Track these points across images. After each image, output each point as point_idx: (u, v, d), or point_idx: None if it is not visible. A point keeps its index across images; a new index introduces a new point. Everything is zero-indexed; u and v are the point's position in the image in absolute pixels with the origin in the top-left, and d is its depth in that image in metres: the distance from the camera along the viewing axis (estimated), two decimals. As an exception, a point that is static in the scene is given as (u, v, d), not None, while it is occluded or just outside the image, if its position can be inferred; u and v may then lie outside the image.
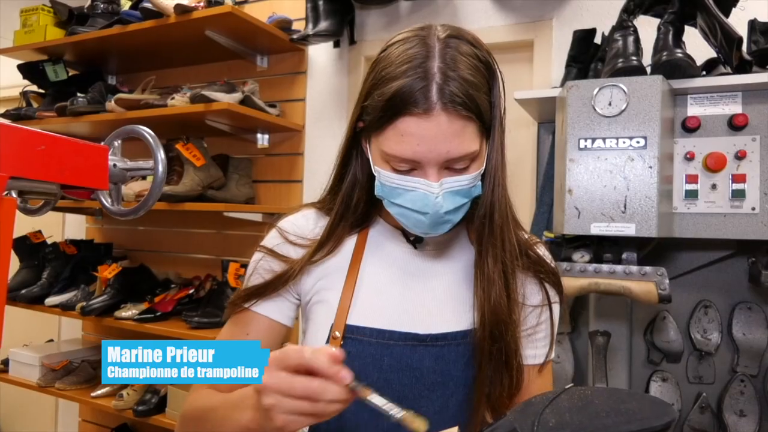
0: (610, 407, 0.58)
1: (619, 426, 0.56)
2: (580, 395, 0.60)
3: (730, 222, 1.36)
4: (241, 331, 0.86)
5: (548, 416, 0.58)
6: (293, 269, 0.84)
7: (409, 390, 0.79)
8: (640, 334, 1.65)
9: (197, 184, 2.00)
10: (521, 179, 1.85)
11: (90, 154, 0.71)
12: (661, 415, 0.57)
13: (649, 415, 0.56)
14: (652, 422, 0.56)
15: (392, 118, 0.72)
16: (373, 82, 0.76)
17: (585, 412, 0.58)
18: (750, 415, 1.53)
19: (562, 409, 0.59)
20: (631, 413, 0.57)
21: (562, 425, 0.57)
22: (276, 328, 0.87)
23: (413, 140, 0.72)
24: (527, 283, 0.85)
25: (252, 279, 0.88)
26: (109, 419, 2.56)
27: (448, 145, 0.72)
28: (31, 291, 2.30)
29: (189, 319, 1.97)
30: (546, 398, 0.61)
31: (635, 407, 0.58)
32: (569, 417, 0.58)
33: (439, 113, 0.71)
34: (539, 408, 0.59)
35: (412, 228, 0.80)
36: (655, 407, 0.58)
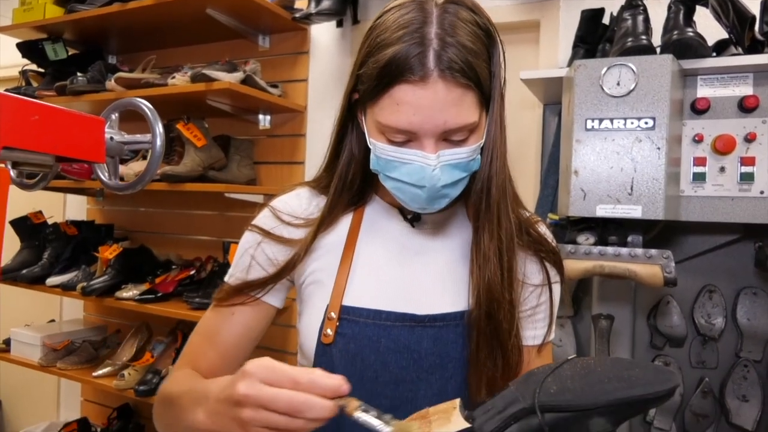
0: (613, 374, 0.57)
1: (621, 391, 0.55)
2: (583, 364, 0.60)
3: (737, 205, 1.34)
4: (227, 310, 0.84)
5: (550, 384, 0.57)
6: (298, 254, 0.82)
7: (407, 372, 0.77)
8: (644, 319, 1.64)
9: (198, 165, 1.98)
10: (525, 161, 1.83)
11: (86, 125, 0.69)
12: (663, 381, 0.56)
13: (651, 381, 0.56)
14: (655, 388, 0.55)
15: (387, 86, 0.70)
16: (368, 49, 0.73)
17: (587, 379, 0.57)
18: (752, 400, 1.53)
19: (564, 377, 0.58)
20: (634, 379, 0.56)
21: (564, 391, 0.56)
22: (263, 309, 0.86)
23: (409, 109, 0.69)
24: (528, 262, 0.83)
25: (242, 262, 0.85)
26: (111, 399, 2.57)
27: (446, 115, 0.70)
28: (32, 271, 2.30)
29: (190, 299, 1.96)
30: (548, 368, 0.60)
31: (638, 374, 0.57)
32: (571, 383, 0.57)
33: (436, 81, 0.68)
34: (541, 377, 0.58)
35: (408, 203, 0.77)
36: (657, 374, 0.57)
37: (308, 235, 0.83)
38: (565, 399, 0.56)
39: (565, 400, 0.56)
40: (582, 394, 0.55)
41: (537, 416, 0.55)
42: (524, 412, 0.56)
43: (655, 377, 0.56)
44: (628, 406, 0.55)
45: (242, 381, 0.57)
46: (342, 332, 0.78)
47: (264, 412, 0.56)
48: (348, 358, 0.77)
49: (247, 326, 0.84)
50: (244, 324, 0.84)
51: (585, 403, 0.55)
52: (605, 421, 0.56)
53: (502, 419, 0.57)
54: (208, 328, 0.86)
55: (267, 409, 0.56)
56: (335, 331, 0.78)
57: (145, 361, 2.17)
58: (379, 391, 0.77)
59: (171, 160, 2.06)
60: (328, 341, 0.78)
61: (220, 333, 0.84)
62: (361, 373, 0.77)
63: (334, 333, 0.78)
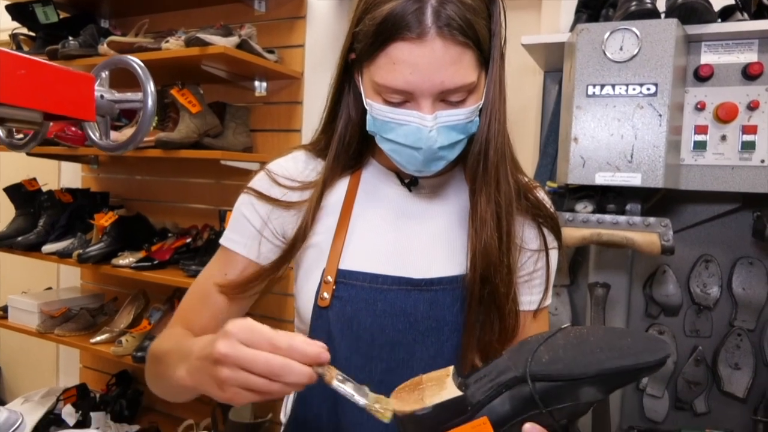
0: (605, 343, 0.57)
1: (613, 361, 0.55)
2: (576, 333, 0.60)
3: (737, 174, 1.33)
4: (221, 271, 0.84)
5: (542, 353, 0.57)
6: (306, 221, 0.81)
7: (402, 336, 0.77)
8: (640, 288, 1.65)
9: (193, 132, 1.95)
10: (525, 130, 1.81)
11: (75, 82, 0.67)
12: (655, 351, 0.56)
13: (642, 350, 0.56)
14: (646, 358, 0.55)
15: (384, 44, 0.68)
16: (364, 6, 0.71)
17: (579, 348, 0.57)
18: (744, 368, 1.54)
19: (556, 346, 0.58)
20: (625, 349, 0.56)
21: (555, 360, 0.56)
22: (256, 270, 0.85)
23: (406, 68, 0.68)
24: (525, 227, 0.83)
25: (236, 223, 0.85)
26: (109, 366, 2.59)
27: (443, 75, 0.68)
28: (28, 238, 2.29)
29: (187, 267, 1.96)
30: (541, 337, 0.60)
31: (629, 344, 0.57)
32: (563, 353, 0.57)
33: (434, 38, 0.66)
34: (534, 346, 0.58)
35: (405, 165, 0.76)
36: (649, 343, 0.57)
37: (312, 202, 0.81)
38: (556, 368, 0.56)
39: (556, 369, 0.56)
40: (573, 364, 0.56)
41: (528, 385, 0.56)
42: (516, 380, 0.57)
43: (647, 347, 0.56)
44: (619, 375, 0.56)
45: (222, 340, 0.57)
46: (338, 296, 0.77)
47: (242, 373, 0.56)
48: (344, 321, 0.77)
49: None
50: None
51: (575, 373, 0.55)
52: (596, 390, 0.56)
53: (493, 387, 0.57)
54: (202, 289, 0.86)
55: (245, 370, 0.56)
56: (332, 294, 0.77)
57: (143, 329, 2.18)
58: (375, 354, 0.77)
59: (165, 126, 2.04)
60: (325, 305, 0.77)
61: (213, 294, 0.84)
62: (358, 337, 0.77)
63: (330, 296, 0.77)
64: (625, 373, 0.55)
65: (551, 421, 0.56)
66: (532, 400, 0.56)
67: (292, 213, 0.83)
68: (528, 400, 0.56)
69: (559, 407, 0.56)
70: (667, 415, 1.62)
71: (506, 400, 0.57)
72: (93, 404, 2.39)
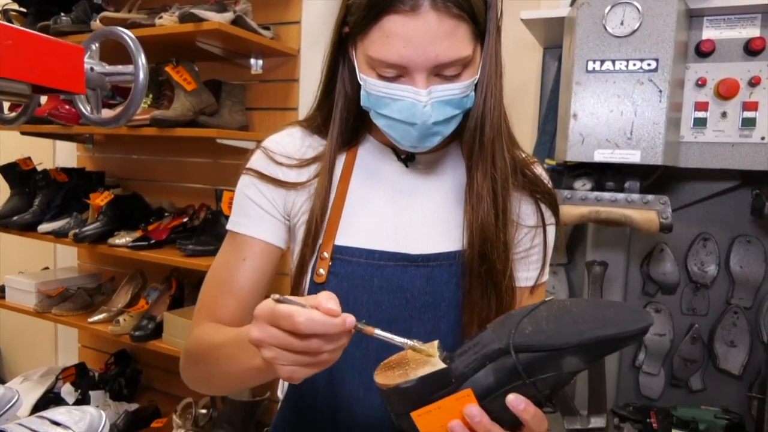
0: (587, 314, 0.58)
1: (594, 331, 0.56)
2: (559, 305, 0.60)
3: (737, 152, 1.32)
4: (237, 256, 0.83)
5: (525, 325, 0.58)
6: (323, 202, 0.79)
7: (399, 312, 0.77)
8: (637, 266, 1.65)
9: (188, 110, 1.93)
10: (524, 107, 1.79)
11: (64, 53, 0.66)
12: (636, 320, 0.56)
13: (625, 320, 0.56)
14: (628, 327, 0.56)
15: (377, 16, 0.67)
16: None
17: (562, 319, 0.58)
18: (740, 345, 1.55)
19: (539, 318, 0.59)
20: (607, 319, 0.57)
21: (538, 332, 0.57)
22: (272, 252, 0.84)
23: (399, 42, 0.66)
24: (522, 203, 0.82)
25: (240, 206, 0.84)
26: (107, 345, 2.60)
27: (437, 48, 0.67)
28: (23, 218, 2.27)
29: (183, 247, 1.95)
30: (525, 309, 0.60)
31: (611, 314, 0.57)
32: (545, 324, 0.57)
33: (428, 11, 0.65)
34: (518, 318, 0.59)
35: (399, 141, 0.75)
36: (632, 313, 0.58)
37: (323, 184, 0.80)
38: (539, 339, 0.56)
39: (538, 340, 0.56)
40: (556, 335, 0.56)
41: (511, 356, 0.56)
42: (499, 352, 0.57)
43: (629, 317, 0.57)
44: (601, 344, 0.56)
45: (253, 326, 0.57)
46: (334, 271, 0.77)
47: (285, 353, 0.56)
48: (341, 297, 0.76)
49: (260, 270, 0.83)
50: (256, 268, 0.82)
51: (558, 343, 0.56)
52: (578, 360, 0.57)
53: (477, 360, 0.58)
54: (221, 277, 0.84)
55: (287, 350, 0.56)
56: (328, 270, 0.77)
57: (140, 308, 2.18)
58: (372, 331, 0.77)
59: (160, 104, 2.01)
60: (321, 280, 0.77)
61: (235, 281, 0.82)
62: (354, 313, 0.75)
63: (326, 272, 0.77)
64: (606, 343, 0.56)
65: (535, 392, 0.57)
66: (516, 371, 0.56)
67: (293, 192, 0.82)
68: (511, 371, 0.56)
69: (543, 377, 0.56)
70: (662, 392, 1.63)
71: (490, 371, 0.57)
72: (92, 383, 2.40)
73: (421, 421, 0.59)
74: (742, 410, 1.51)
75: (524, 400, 0.56)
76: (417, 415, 0.58)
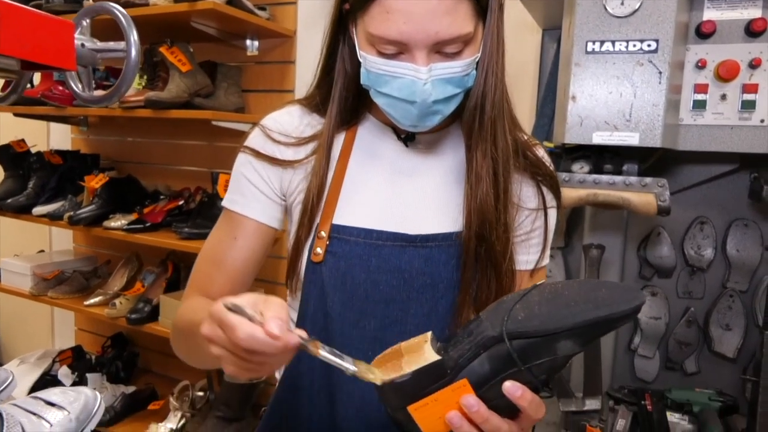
0: (579, 296, 0.57)
1: (587, 313, 0.55)
2: (551, 289, 0.60)
3: (736, 134, 1.31)
4: (229, 234, 0.83)
5: (518, 311, 0.57)
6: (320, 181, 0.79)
7: (397, 292, 0.77)
8: (634, 250, 1.65)
9: (183, 91, 1.91)
10: (522, 89, 1.78)
11: (54, 28, 0.64)
12: (630, 299, 0.56)
13: (617, 300, 0.56)
14: (621, 307, 0.55)
15: None
16: None
17: (554, 302, 0.57)
18: (735, 328, 1.56)
19: (531, 303, 0.58)
20: (600, 300, 0.56)
21: (531, 317, 0.56)
22: (264, 232, 0.83)
23: (399, 18, 0.65)
24: (523, 185, 0.81)
25: (237, 184, 0.83)
26: (104, 328, 2.61)
27: (438, 25, 0.66)
28: (18, 200, 2.26)
29: (179, 229, 1.94)
30: (517, 295, 0.60)
31: (604, 294, 0.57)
32: (538, 309, 0.57)
33: None
34: (510, 305, 0.58)
35: (399, 120, 0.74)
36: (624, 293, 0.57)
37: (320, 163, 0.80)
38: (532, 325, 0.56)
39: (532, 326, 0.56)
40: (548, 319, 0.56)
41: (505, 344, 0.56)
42: (493, 340, 0.57)
43: (621, 296, 0.56)
44: (594, 326, 0.56)
45: (205, 323, 0.57)
46: (332, 251, 0.77)
47: (228, 354, 0.55)
48: (338, 277, 0.76)
49: (251, 249, 0.83)
50: (248, 248, 0.82)
51: (551, 328, 0.55)
52: (572, 343, 0.56)
53: (471, 349, 0.57)
54: (214, 254, 0.84)
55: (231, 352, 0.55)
56: (325, 249, 0.77)
57: (136, 291, 2.18)
58: (369, 311, 0.76)
59: (155, 86, 1.99)
60: (318, 260, 0.77)
61: (226, 258, 0.82)
62: (351, 293, 0.76)
63: (324, 252, 0.77)
64: (600, 324, 0.55)
65: (531, 378, 0.57)
66: (510, 358, 0.56)
67: (290, 171, 0.82)
68: (506, 358, 0.56)
69: (538, 363, 0.56)
70: (657, 375, 1.64)
71: (485, 360, 0.57)
72: (89, 366, 2.41)
73: (419, 415, 0.58)
74: (736, 393, 1.52)
75: (521, 387, 0.56)
76: (414, 408, 0.58)
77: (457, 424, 0.57)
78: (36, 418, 0.72)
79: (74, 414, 0.75)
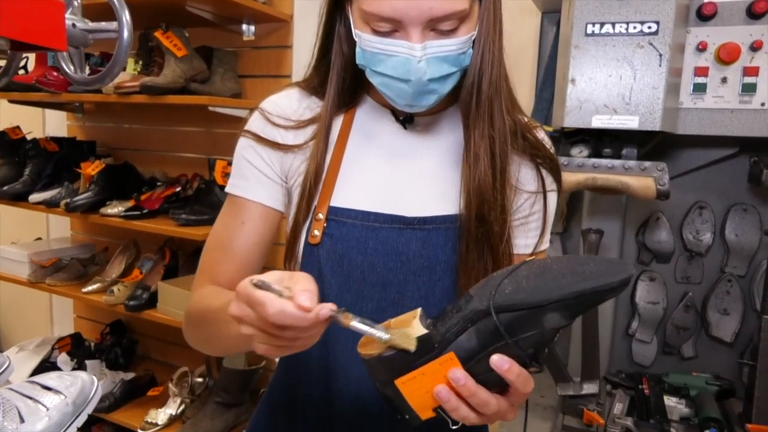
0: (567, 270, 0.57)
1: (574, 285, 0.55)
2: (540, 264, 0.60)
3: (737, 118, 1.30)
4: (236, 220, 0.82)
5: (506, 285, 0.57)
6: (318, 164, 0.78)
7: (394, 275, 0.76)
8: (632, 235, 1.64)
9: (179, 76, 1.89)
10: (521, 73, 1.76)
11: (44, 8, 0.63)
12: (616, 272, 0.56)
13: (604, 273, 0.56)
14: (608, 279, 0.55)
15: None
16: None
17: (542, 276, 0.57)
18: (733, 313, 1.56)
19: (519, 277, 0.58)
20: (588, 273, 0.56)
21: (518, 290, 0.56)
22: (271, 215, 0.83)
23: None
24: (522, 167, 0.80)
25: (239, 168, 0.83)
26: (103, 315, 2.61)
27: (432, 1, 0.65)
28: (14, 188, 2.24)
29: (177, 216, 1.93)
30: (506, 271, 0.60)
31: (591, 268, 0.57)
32: (525, 283, 0.57)
33: None
34: (498, 280, 0.58)
35: (395, 100, 0.74)
36: (612, 266, 0.57)
37: (318, 146, 0.79)
38: (519, 298, 0.56)
39: (519, 298, 0.56)
40: (535, 292, 0.56)
41: (492, 317, 0.56)
42: (480, 314, 0.56)
43: (609, 269, 0.56)
44: (581, 298, 0.55)
45: (234, 301, 0.56)
46: (329, 233, 0.76)
47: (259, 332, 0.55)
48: (335, 259, 0.76)
49: (259, 234, 0.82)
50: (255, 232, 0.82)
51: (538, 300, 0.55)
52: (560, 316, 0.56)
53: (459, 323, 0.57)
54: (221, 241, 0.83)
55: (262, 332, 0.55)
56: (323, 231, 0.76)
57: (134, 278, 2.18)
58: (366, 293, 0.76)
59: (150, 71, 1.97)
60: (315, 242, 0.76)
61: (234, 244, 0.81)
62: (348, 275, 0.76)
63: (321, 234, 0.76)
64: (587, 296, 0.55)
65: (518, 352, 0.56)
66: (498, 331, 0.56)
67: (291, 155, 0.81)
68: (493, 332, 0.56)
69: (525, 336, 0.56)
70: (654, 359, 1.65)
71: (472, 334, 0.57)
72: (88, 353, 2.41)
73: (406, 389, 0.58)
74: (733, 377, 1.53)
75: (508, 360, 0.56)
76: (401, 382, 0.58)
77: (445, 398, 0.56)
78: (32, 402, 0.72)
79: (71, 398, 0.75)
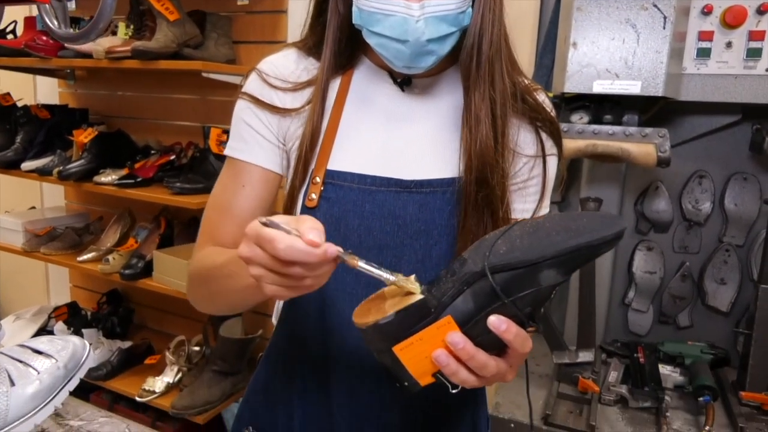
0: (560, 226, 0.57)
1: (569, 240, 0.55)
2: (532, 223, 0.59)
3: (740, 84, 1.28)
4: (236, 182, 0.81)
5: (500, 245, 0.57)
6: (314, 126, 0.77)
7: (390, 238, 0.75)
8: (631, 204, 1.63)
9: (172, 41, 1.85)
10: (522, 40, 1.72)
11: (22, -44, 0.60)
12: (609, 226, 0.56)
13: (597, 227, 0.56)
14: (601, 233, 0.55)
15: None
16: None
17: (536, 234, 0.57)
18: (730, 283, 1.56)
19: (513, 237, 0.57)
20: (581, 228, 0.56)
21: (513, 250, 0.56)
22: (270, 178, 0.81)
23: None
24: (522, 130, 0.79)
25: (238, 130, 0.81)
26: (99, 284, 2.60)
27: None
28: (6, 155, 2.22)
29: (171, 184, 1.91)
30: (499, 231, 0.59)
31: (585, 223, 0.57)
32: (519, 242, 0.56)
33: None
34: (492, 241, 0.58)
35: (392, 61, 0.72)
36: (605, 220, 0.57)
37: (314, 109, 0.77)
38: (514, 256, 0.55)
39: (514, 257, 0.55)
40: (530, 250, 0.55)
41: (488, 278, 0.55)
42: (476, 276, 0.56)
43: (602, 224, 0.56)
44: (576, 253, 0.55)
45: (243, 243, 0.55)
46: (326, 196, 0.75)
47: (268, 272, 0.55)
48: (332, 222, 0.75)
49: (259, 197, 0.81)
50: (255, 195, 0.81)
51: (533, 257, 0.55)
52: (555, 273, 0.56)
53: (455, 286, 0.56)
54: (222, 203, 0.82)
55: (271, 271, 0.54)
56: (319, 195, 0.75)
57: (129, 247, 2.17)
58: (363, 257, 0.75)
59: (142, 35, 1.93)
60: (312, 205, 0.75)
61: (235, 207, 0.80)
62: (345, 238, 0.75)
63: (318, 197, 0.75)
64: (582, 250, 0.55)
65: (515, 311, 0.56)
66: (494, 292, 0.55)
67: (288, 118, 0.79)
68: (490, 293, 0.55)
69: (521, 295, 0.55)
70: (650, 328, 1.65)
71: (468, 296, 0.56)
72: (85, 321, 2.41)
73: (404, 355, 0.57)
74: (728, 346, 1.54)
75: (505, 320, 0.55)
76: (399, 349, 0.57)
77: (444, 362, 0.56)
78: (23, 365, 0.71)
79: (62, 362, 0.74)
